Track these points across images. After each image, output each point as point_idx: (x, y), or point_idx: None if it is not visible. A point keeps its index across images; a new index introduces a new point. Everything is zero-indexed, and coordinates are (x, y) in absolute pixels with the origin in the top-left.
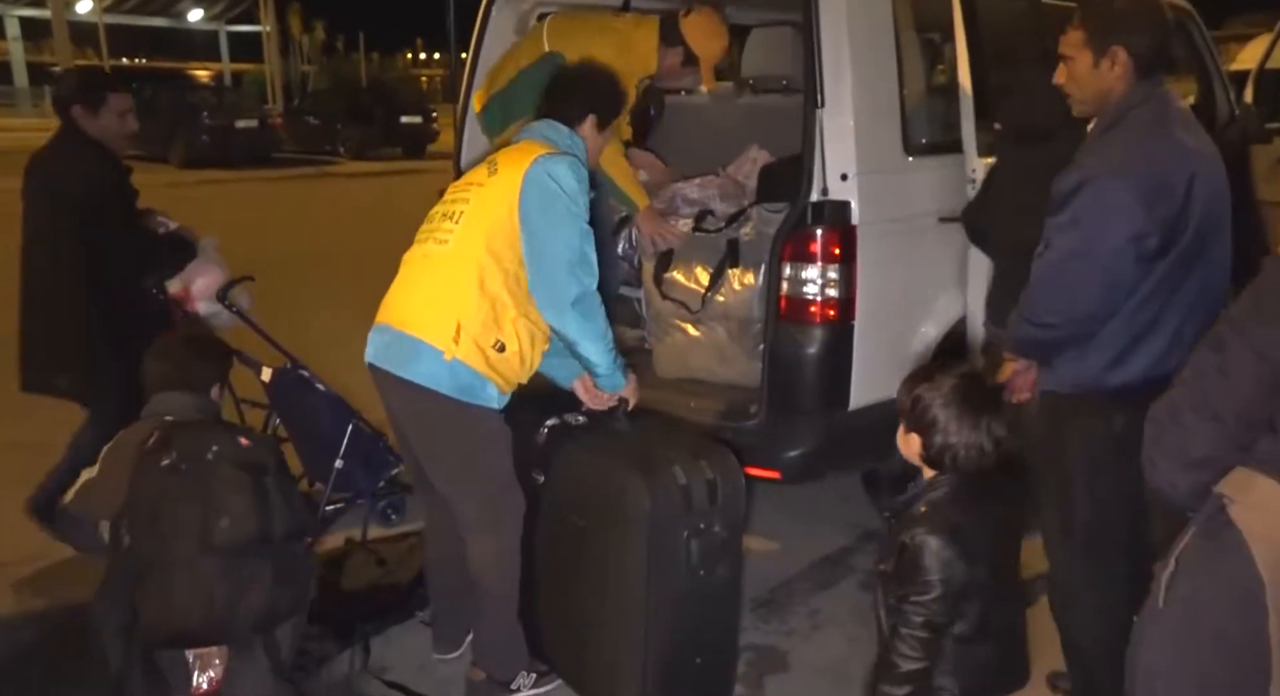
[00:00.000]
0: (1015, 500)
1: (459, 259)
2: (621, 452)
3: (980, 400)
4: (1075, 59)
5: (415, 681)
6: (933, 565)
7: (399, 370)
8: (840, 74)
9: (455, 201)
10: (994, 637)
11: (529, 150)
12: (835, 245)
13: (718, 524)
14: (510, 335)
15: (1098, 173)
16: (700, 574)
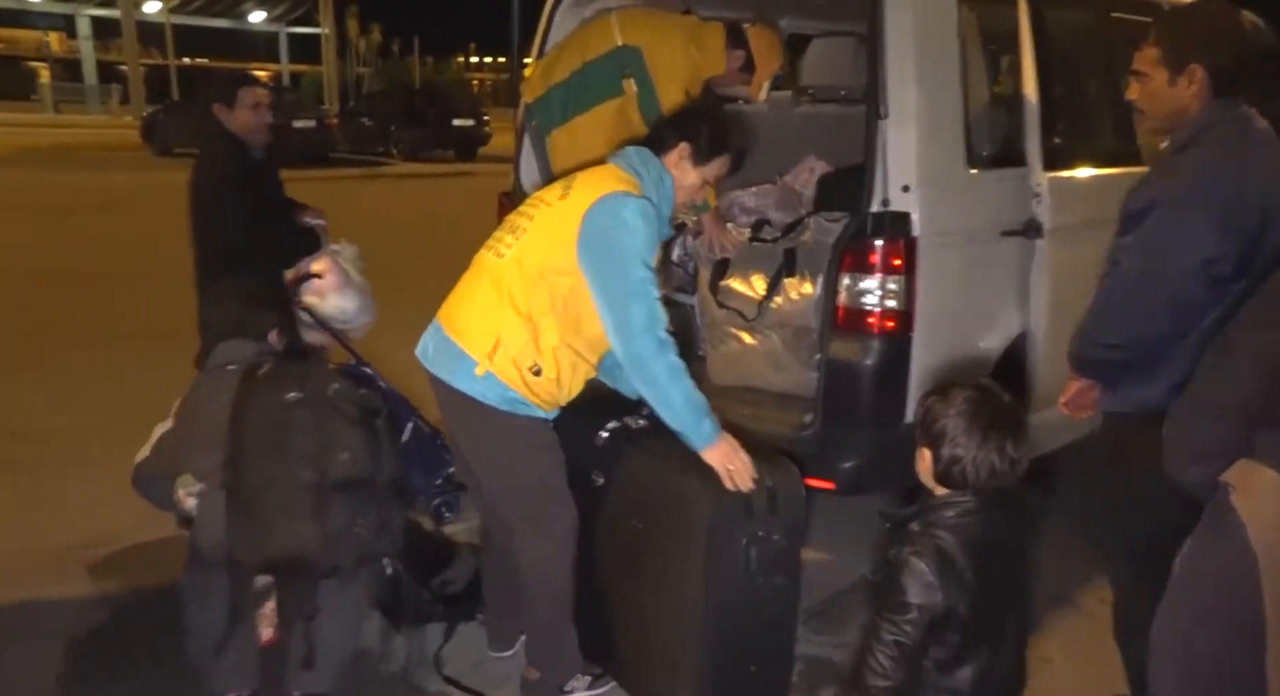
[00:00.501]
0: (1021, 529)
1: (508, 275)
2: (683, 457)
3: (992, 414)
4: (1150, 76)
5: (470, 677)
6: (910, 587)
7: (444, 375)
8: (905, 85)
9: (523, 215)
10: (977, 663)
11: (606, 179)
12: (895, 256)
13: (777, 532)
14: (549, 362)
15: (1170, 194)
16: (758, 581)
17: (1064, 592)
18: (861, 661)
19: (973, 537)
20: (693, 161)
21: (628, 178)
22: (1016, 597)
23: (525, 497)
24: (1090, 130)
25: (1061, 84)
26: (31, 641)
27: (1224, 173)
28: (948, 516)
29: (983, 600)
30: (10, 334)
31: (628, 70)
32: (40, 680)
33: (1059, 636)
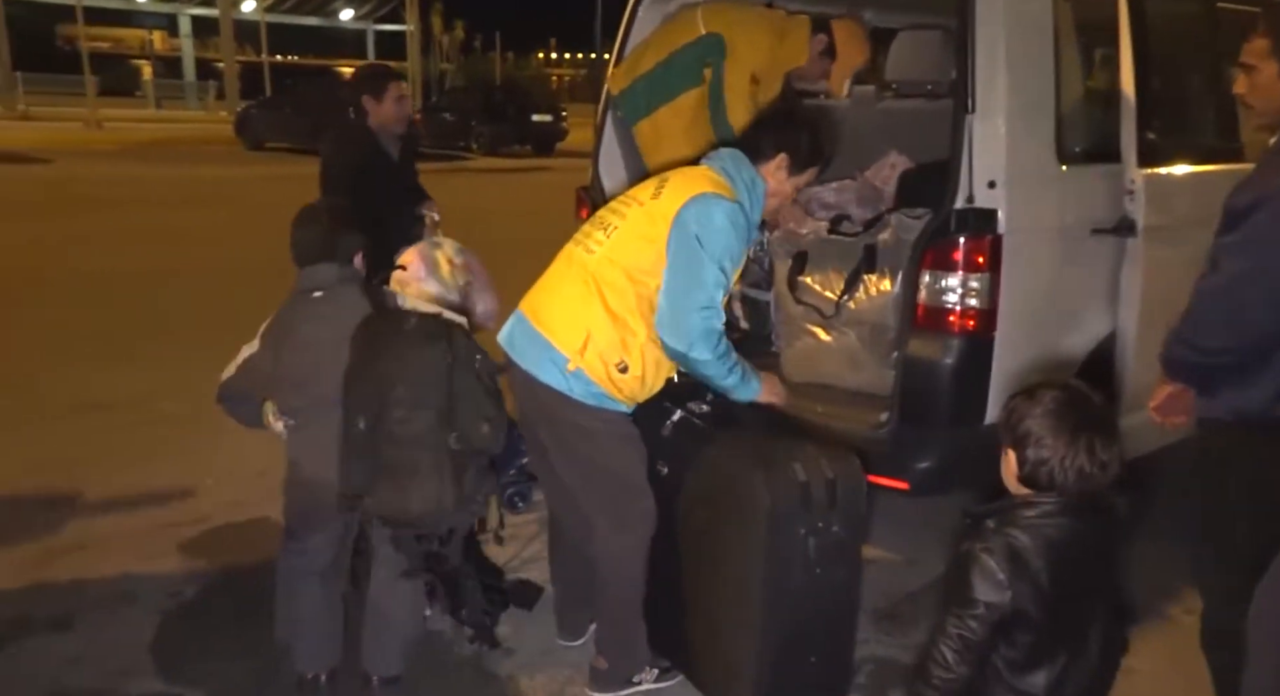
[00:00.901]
0: (1109, 538)
1: (600, 272)
2: (744, 447)
3: (1081, 415)
4: (1259, 68)
5: (539, 664)
6: (979, 584)
7: (529, 367)
8: (993, 78)
9: (614, 212)
10: (1053, 666)
11: (699, 180)
12: (979, 254)
13: (836, 524)
14: (636, 358)
15: (1276, 191)
16: (817, 572)
17: (1150, 602)
18: (927, 653)
19: (1051, 540)
20: (789, 172)
21: (720, 180)
22: (1103, 605)
23: (607, 491)
24: (1190, 125)
25: (1160, 77)
26: (127, 610)
27: None
28: (1027, 516)
29: (1060, 604)
30: (118, 325)
31: (708, 58)
32: (133, 648)
33: (1144, 646)
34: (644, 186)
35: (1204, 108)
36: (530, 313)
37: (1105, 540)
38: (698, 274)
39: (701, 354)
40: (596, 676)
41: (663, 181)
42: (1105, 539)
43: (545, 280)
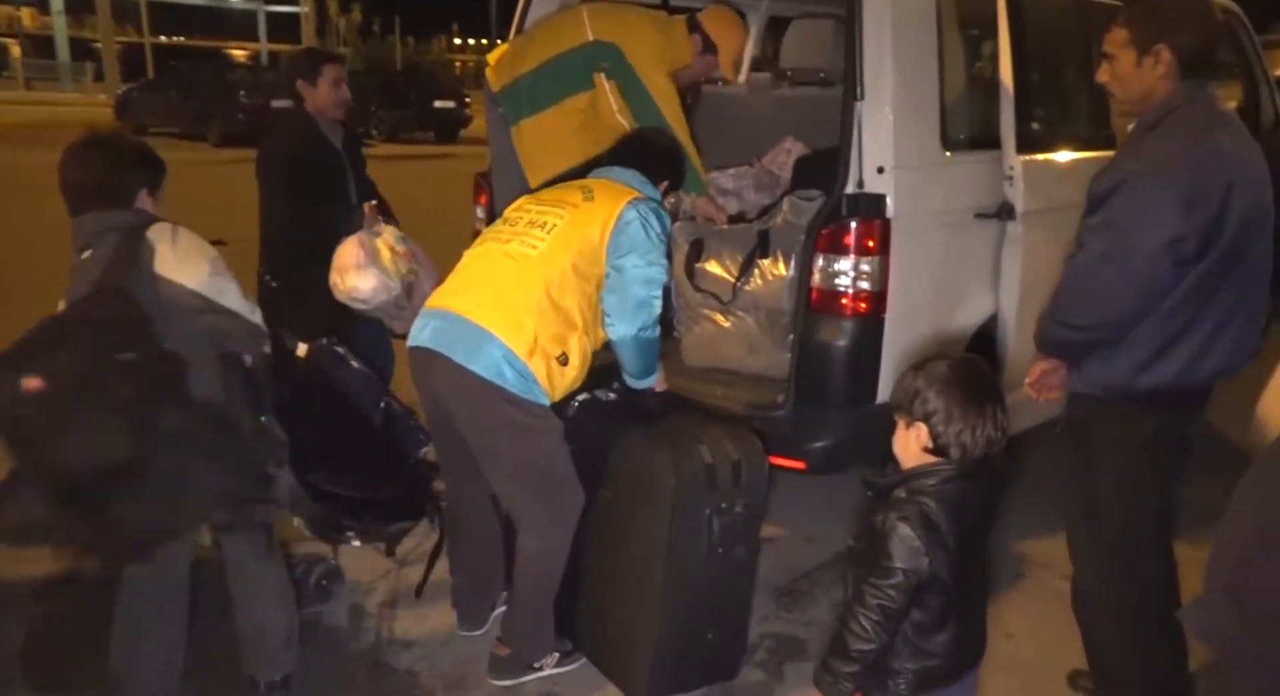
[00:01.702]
0: (994, 496)
1: (545, 268)
2: (650, 429)
3: (982, 385)
4: (1118, 57)
5: (440, 656)
6: (898, 552)
7: (462, 358)
8: (881, 67)
9: (547, 213)
10: (955, 626)
11: (624, 189)
12: (870, 238)
13: (740, 504)
14: (574, 350)
15: (1136, 174)
16: (719, 551)
17: (1028, 570)
18: (844, 625)
19: (955, 503)
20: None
21: (637, 191)
22: (985, 564)
23: (541, 489)
24: (1065, 114)
25: (1036, 68)
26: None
27: (1187, 154)
28: (931, 483)
29: (961, 565)
30: None
31: (601, 64)
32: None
33: (1022, 611)
34: (568, 191)
35: (1077, 97)
36: (462, 309)
37: (991, 500)
38: (646, 264)
39: (649, 333)
40: (497, 663)
41: (587, 188)
42: (991, 499)
43: (474, 277)
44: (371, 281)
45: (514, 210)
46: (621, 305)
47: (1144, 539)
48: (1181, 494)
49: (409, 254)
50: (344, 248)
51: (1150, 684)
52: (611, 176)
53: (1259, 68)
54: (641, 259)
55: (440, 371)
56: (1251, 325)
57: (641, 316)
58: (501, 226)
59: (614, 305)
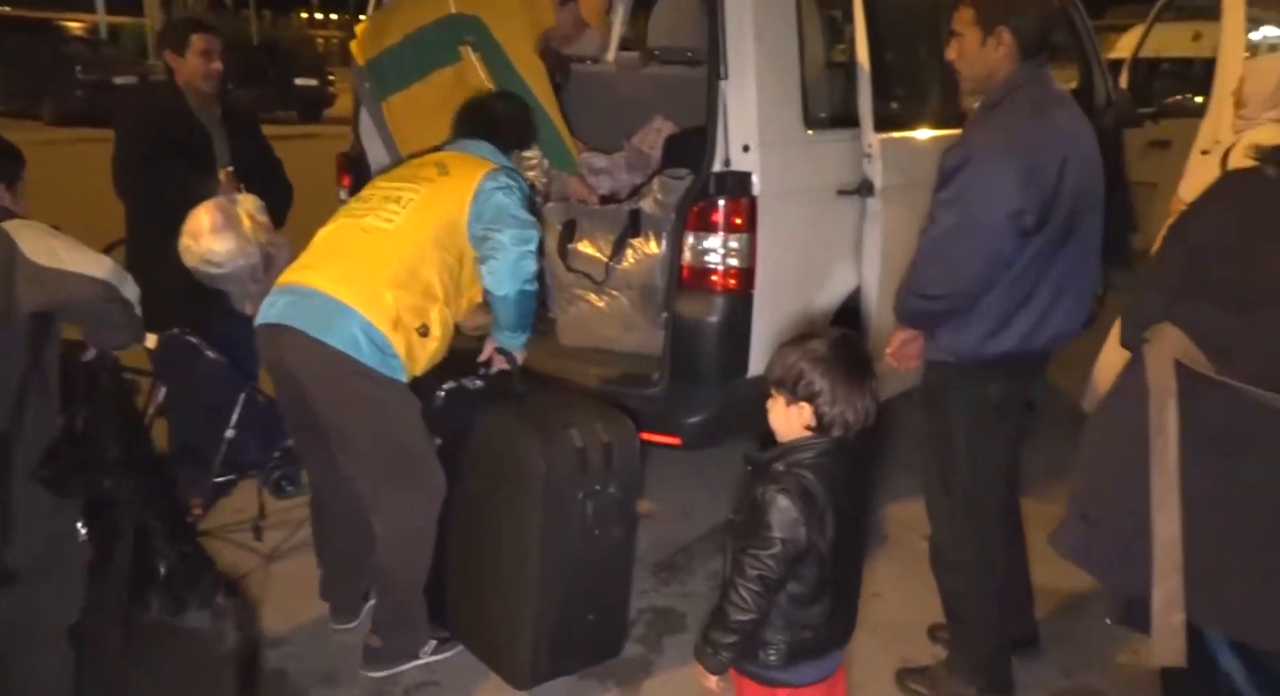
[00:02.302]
0: (867, 466)
1: (403, 240)
2: (518, 416)
3: (857, 361)
4: (965, 36)
5: (310, 653)
6: (776, 523)
7: (316, 332)
8: (743, 46)
9: (402, 188)
10: (829, 599)
11: (478, 161)
12: (737, 215)
13: (613, 485)
14: (435, 322)
15: (980, 151)
16: (595, 534)
17: (892, 531)
18: (724, 597)
19: (831, 475)
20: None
21: (491, 162)
22: (861, 544)
23: (398, 466)
24: (919, 93)
25: (891, 48)
26: None
27: (1027, 131)
28: (808, 457)
29: (837, 537)
30: None
31: (466, 37)
32: None
33: (887, 572)
34: (422, 166)
35: (930, 76)
36: (316, 283)
37: (865, 470)
38: (519, 226)
39: (531, 286)
40: (371, 654)
41: (440, 163)
42: (864, 469)
43: (328, 252)
44: (229, 244)
45: (368, 188)
46: (502, 269)
47: (992, 495)
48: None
49: (269, 226)
50: (198, 212)
51: (998, 631)
52: (464, 149)
53: (1092, 51)
54: (513, 223)
55: (292, 347)
56: (1084, 294)
57: (522, 274)
58: (355, 204)
59: (495, 270)
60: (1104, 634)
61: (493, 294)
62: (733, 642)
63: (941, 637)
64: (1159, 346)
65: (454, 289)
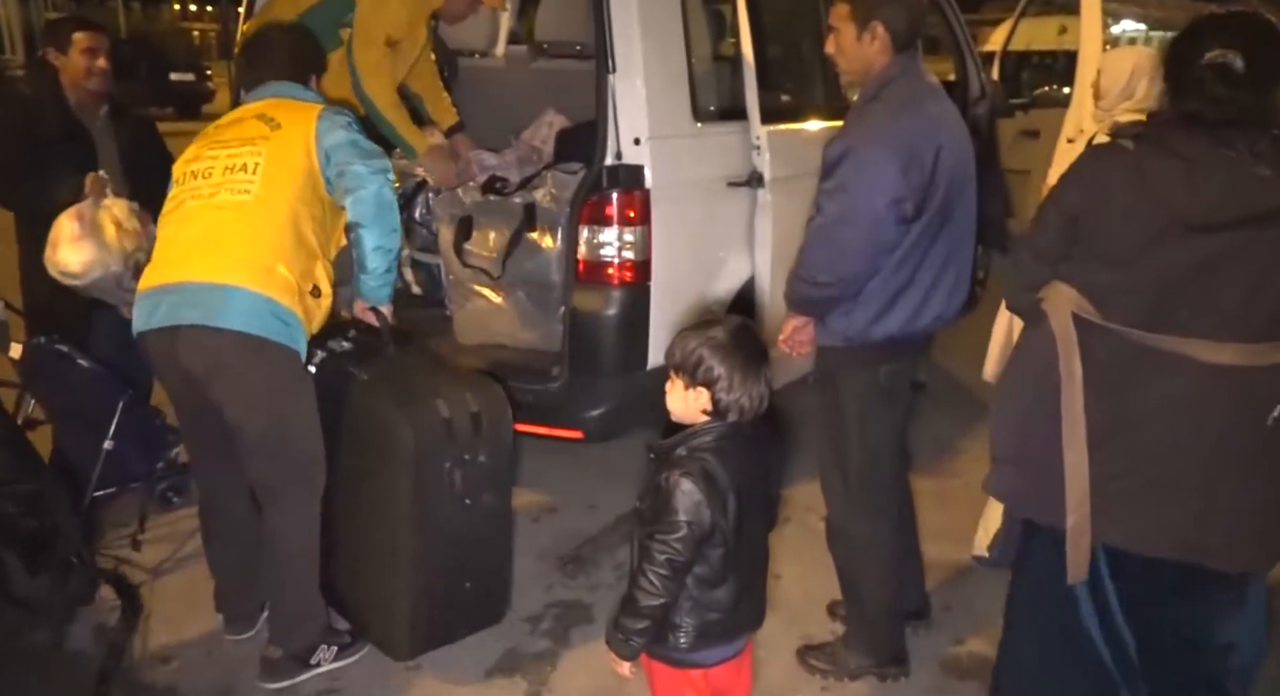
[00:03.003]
0: (771, 450)
1: (271, 207)
2: (386, 387)
3: (753, 349)
4: (841, 31)
5: (203, 667)
6: (681, 506)
7: (215, 321)
8: (630, 40)
9: (242, 154)
10: (735, 581)
11: (301, 105)
12: (631, 208)
13: (482, 454)
14: (322, 279)
15: (861, 142)
16: (466, 502)
17: (792, 514)
18: (633, 584)
19: (732, 457)
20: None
21: (313, 102)
22: (767, 525)
23: (292, 457)
24: (803, 86)
25: (777, 42)
26: None
27: (903, 122)
28: (709, 440)
29: (740, 519)
30: None
31: (343, 19)
32: None
33: (787, 553)
34: (243, 124)
35: (814, 69)
36: (194, 275)
37: (764, 452)
38: (365, 153)
39: (397, 233)
40: (269, 666)
41: (264, 116)
42: (764, 450)
43: (194, 243)
44: (84, 256)
45: (196, 162)
46: (368, 197)
47: (883, 473)
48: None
49: (140, 232)
50: (59, 221)
51: (892, 603)
52: (275, 94)
53: (965, 45)
54: (363, 154)
55: (189, 344)
56: (963, 277)
57: (389, 215)
58: (193, 182)
59: (363, 199)
60: (989, 602)
61: (359, 234)
62: (644, 628)
63: (840, 614)
64: (1056, 301)
65: (326, 241)
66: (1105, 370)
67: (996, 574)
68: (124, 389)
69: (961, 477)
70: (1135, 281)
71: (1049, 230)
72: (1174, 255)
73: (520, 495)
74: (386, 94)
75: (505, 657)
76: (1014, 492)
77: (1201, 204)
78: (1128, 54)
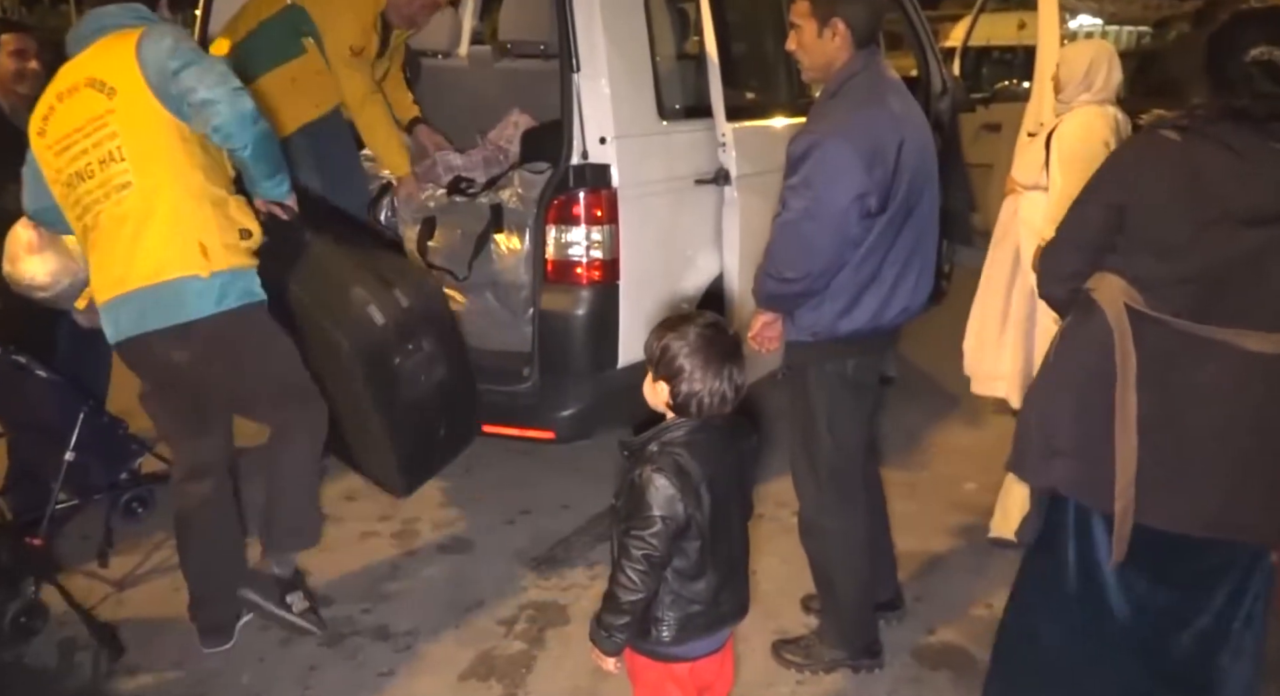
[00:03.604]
0: (746, 445)
1: (160, 184)
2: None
3: (723, 349)
4: (802, 28)
5: (174, 681)
6: (655, 501)
7: (173, 319)
8: (593, 39)
9: (99, 139)
10: (714, 573)
11: (117, 46)
12: (598, 207)
13: (424, 341)
14: (244, 217)
15: (825, 137)
16: (421, 380)
17: (766, 510)
18: (613, 581)
19: (704, 451)
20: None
21: (134, 28)
22: (744, 520)
23: (287, 384)
24: (768, 83)
25: (740, 39)
26: None
27: (865, 117)
28: (680, 435)
29: (715, 512)
30: None
31: (303, 28)
32: None
33: (763, 549)
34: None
35: (778, 66)
36: (137, 282)
37: (739, 447)
38: (207, 76)
39: (263, 126)
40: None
41: (92, 79)
42: (739, 445)
43: (114, 254)
44: (50, 266)
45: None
46: (227, 117)
47: (853, 465)
48: (886, 426)
49: None
50: (14, 232)
51: (864, 595)
52: (100, 31)
53: (927, 40)
54: (196, 74)
55: (161, 345)
56: (927, 271)
57: (244, 109)
58: (83, 184)
59: (224, 123)
60: (960, 591)
61: (236, 154)
62: (625, 623)
63: (814, 607)
64: (1109, 292)
65: (224, 176)
66: (1150, 359)
67: (966, 563)
68: (85, 399)
69: (930, 469)
70: (1185, 272)
71: (1091, 221)
72: (1224, 247)
73: (493, 497)
74: (384, 121)
75: (479, 661)
76: (1071, 481)
77: (1251, 197)
78: (1085, 47)
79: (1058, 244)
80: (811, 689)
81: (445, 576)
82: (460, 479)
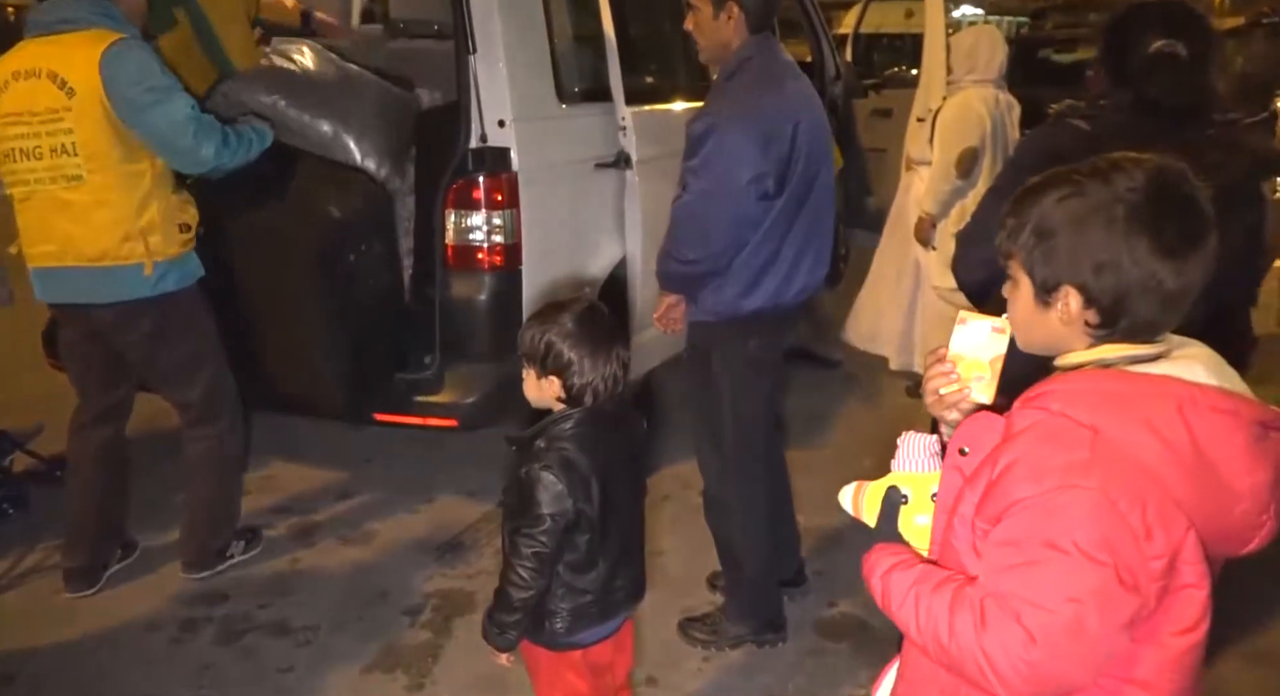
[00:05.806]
0: (637, 429)
1: (110, 185)
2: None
3: (605, 330)
4: (699, 9)
5: (55, 684)
6: (543, 499)
7: (103, 298)
8: (489, 20)
9: (54, 132)
10: (605, 563)
11: (82, 51)
12: (498, 191)
13: (375, 244)
14: (187, 214)
15: (721, 119)
16: (370, 283)
17: (672, 491)
18: (503, 578)
19: (591, 442)
20: None
21: (102, 31)
22: (638, 505)
23: (208, 370)
24: (667, 66)
25: (637, 23)
26: None
27: (762, 99)
28: (566, 428)
29: (606, 502)
30: None
31: (177, 3)
32: None
33: (668, 530)
34: (42, 91)
35: (676, 49)
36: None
37: (630, 432)
38: (168, 107)
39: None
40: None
41: (54, 75)
42: (629, 430)
43: (50, 225)
44: None
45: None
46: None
47: (756, 442)
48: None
49: None
50: None
51: (770, 572)
52: (64, 18)
53: (820, 27)
54: (152, 101)
55: (91, 318)
56: (824, 251)
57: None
58: (28, 162)
59: (171, 156)
60: (859, 565)
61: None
62: (517, 620)
63: (719, 585)
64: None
65: (168, 172)
66: None
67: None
68: None
69: (832, 447)
70: None
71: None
72: None
73: (395, 487)
74: None
75: (383, 653)
76: None
77: None
78: (973, 31)
79: (972, 231)
80: (717, 664)
81: (347, 568)
82: (361, 469)
